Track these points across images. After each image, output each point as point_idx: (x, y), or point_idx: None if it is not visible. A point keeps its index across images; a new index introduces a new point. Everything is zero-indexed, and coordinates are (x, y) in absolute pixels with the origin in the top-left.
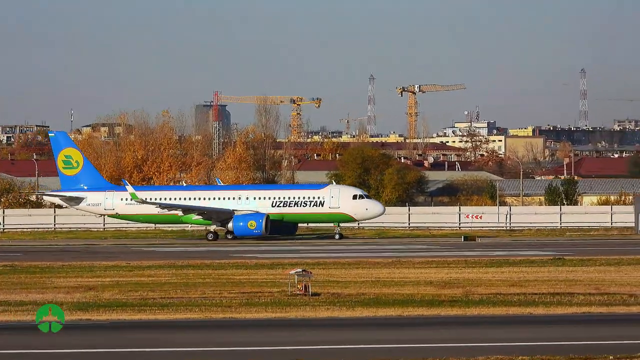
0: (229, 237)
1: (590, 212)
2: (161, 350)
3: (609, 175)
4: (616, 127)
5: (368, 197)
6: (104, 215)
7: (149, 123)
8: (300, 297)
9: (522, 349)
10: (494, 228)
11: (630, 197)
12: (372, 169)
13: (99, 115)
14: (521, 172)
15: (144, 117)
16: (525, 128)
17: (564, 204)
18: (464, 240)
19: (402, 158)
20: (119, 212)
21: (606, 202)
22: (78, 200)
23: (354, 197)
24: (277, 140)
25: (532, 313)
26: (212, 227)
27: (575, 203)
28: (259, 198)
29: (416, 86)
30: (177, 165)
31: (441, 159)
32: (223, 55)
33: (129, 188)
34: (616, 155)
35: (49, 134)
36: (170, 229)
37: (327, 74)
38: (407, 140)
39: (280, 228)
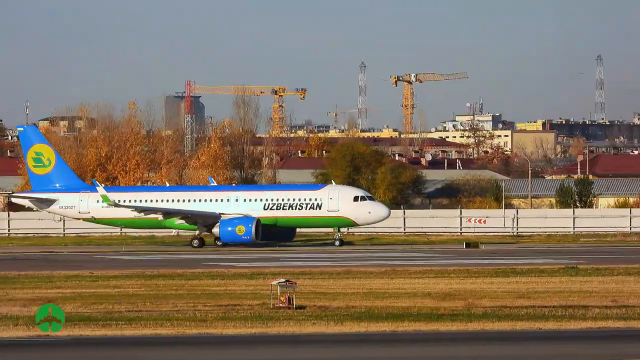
0: (219, 244)
1: (606, 216)
2: None
3: (628, 175)
4: (636, 121)
5: (371, 198)
6: (79, 219)
7: (114, 116)
8: (284, 311)
9: None
10: (499, 233)
11: None
12: (363, 167)
13: (57, 108)
14: (529, 171)
15: (108, 109)
16: (534, 122)
17: (577, 207)
18: (465, 247)
19: (397, 155)
20: (95, 216)
21: (624, 205)
22: (49, 202)
23: (355, 198)
24: (257, 135)
25: (541, 328)
26: (198, 233)
27: (590, 206)
28: (250, 200)
29: (413, 75)
30: (145, 163)
31: (440, 156)
32: (196, 41)
33: (100, 189)
34: (636, 152)
35: (17, 129)
36: (138, 234)
37: (313, 62)
38: (403, 136)
39: (275, 233)
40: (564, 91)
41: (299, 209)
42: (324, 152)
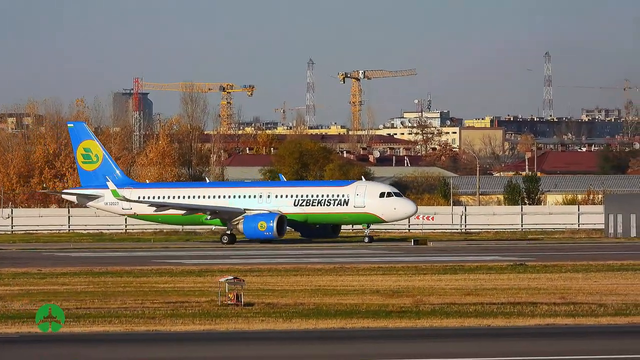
0: (246, 240)
1: (554, 213)
2: None
3: (576, 172)
4: (584, 118)
5: (398, 194)
6: (124, 215)
7: (62, 113)
8: (232, 308)
9: None
10: (448, 230)
11: (600, 196)
12: (311, 164)
13: (4, 105)
14: (477, 168)
15: (56, 106)
16: (482, 118)
17: (525, 204)
18: (414, 244)
19: (345, 152)
20: (137, 212)
21: (573, 202)
22: (95, 198)
23: (382, 194)
24: (205, 132)
25: (490, 325)
26: (228, 229)
27: (539, 202)
28: (281, 196)
29: (360, 72)
30: None
31: (388, 153)
32: (144, 38)
33: (110, 184)
34: (584, 149)
35: (68, 125)
36: (87, 232)
37: (261, 59)
38: (351, 133)
39: (315, 230)
40: (512, 88)
41: (327, 205)
42: (272, 149)
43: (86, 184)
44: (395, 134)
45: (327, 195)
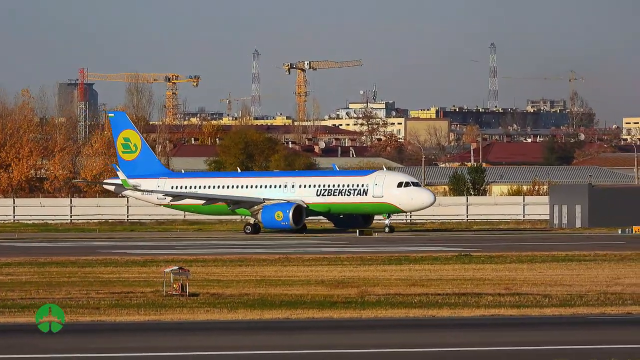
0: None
1: (500, 203)
2: (21, 357)
3: (521, 162)
4: (529, 109)
5: (417, 184)
6: (159, 204)
7: (7, 103)
8: (177, 298)
9: (424, 355)
10: (393, 221)
11: (545, 187)
12: (257, 154)
13: None
14: (423, 159)
15: (1, 96)
16: (427, 109)
17: (470, 194)
18: (359, 234)
19: (290, 143)
20: (171, 202)
21: (518, 192)
22: (134, 188)
23: (399, 184)
24: (150, 122)
25: (435, 315)
26: (251, 219)
27: (484, 193)
28: (305, 186)
29: (306, 62)
30: (39, 150)
31: (334, 143)
32: (89, 28)
33: (120, 173)
34: (529, 140)
35: (108, 115)
36: (31, 222)
37: (206, 49)
38: (296, 123)
39: (346, 221)
40: (458, 79)
41: (347, 195)
42: (217, 139)
43: (126, 173)
44: (341, 125)
45: (348, 185)
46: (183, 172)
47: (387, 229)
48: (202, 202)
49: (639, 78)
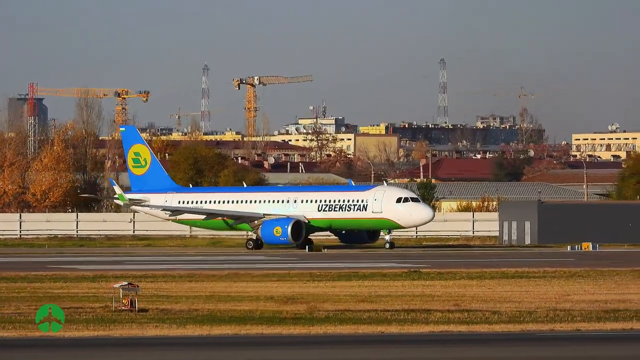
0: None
1: (449, 220)
2: None
3: (471, 179)
4: (479, 125)
5: (416, 200)
6: (168, 219)
7: None
8: (126, 314)
9: None
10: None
11: (494, 203)
12: (206, 170)
13: None
14: (372, 175)
15: None
16: (377, 125)
17: None
18: (308, 250)
19: (240, 158)
20: (169, 217)
21: (467, 208)
22: (142, 202)
23: (399, 200)
24: (100, 138)
25: (384, 332)
26: (252, 234)
27: (433, 209)
28: (307, 201)
29: (256, 78)
30: None
31: (283, 159)
32: (39, 43)
33: (116, 188)
34: (479, 156)
35: (120, 129)
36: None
37: (156, 64)
38: (245, 139)
39: (352, 237)
40: (407, 95)
41: (348, 210)
42: (166, 154)
43: (136, 188)
44: (290, 140)
45: (348, 201)
46: (190, 186)
47: (387, 245)
48: (203, 217)
49: (588, 95)
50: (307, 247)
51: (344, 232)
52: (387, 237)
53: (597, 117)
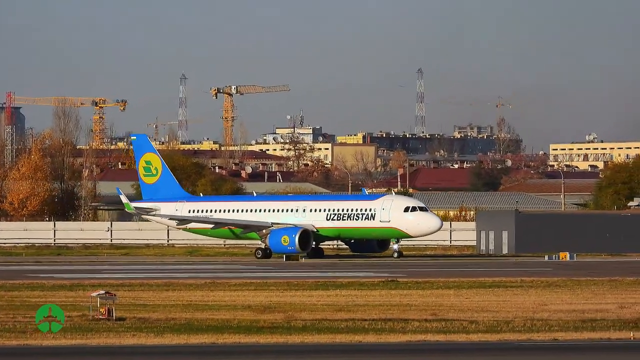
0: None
1: None
2: None
3: (448, 188)
4: (456, 134)
5: (424, 209)
6: (179, 228)
7: None
8: (103, 322)
9: None
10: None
11: (472, 213)
12: (184, 179)
13: None
14: (349, 184)
15: None
16: (354, 135)
17: None
18: (285, 259)
19: (217, 167)
20: (188, 226)
21: (445, 218)
22: (154, 211)
23: (406, 209)
24: (78, 147)
25: (361, 341)
26: (261, 244)
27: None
28: (316, 210)
29: (233, 87)
30: None
31: (260, 168)
32: (16, 52)
33: (123, 197)
34: (456, 166)
35: (131, 137)
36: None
37: (133, 73)
38: (223, 148)
39: (363, 246)
40: (385, 104)
41: (356, 219)
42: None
43: (147, 197)
44: (268, 150)
45: (357, 210)
46: (201, 195)
47: (395, 254)
48: (211, 225)
49: (566, 105)
50: (284, 256)
51: (352, 241)
52: (396, 247)
53: (575, 127)
